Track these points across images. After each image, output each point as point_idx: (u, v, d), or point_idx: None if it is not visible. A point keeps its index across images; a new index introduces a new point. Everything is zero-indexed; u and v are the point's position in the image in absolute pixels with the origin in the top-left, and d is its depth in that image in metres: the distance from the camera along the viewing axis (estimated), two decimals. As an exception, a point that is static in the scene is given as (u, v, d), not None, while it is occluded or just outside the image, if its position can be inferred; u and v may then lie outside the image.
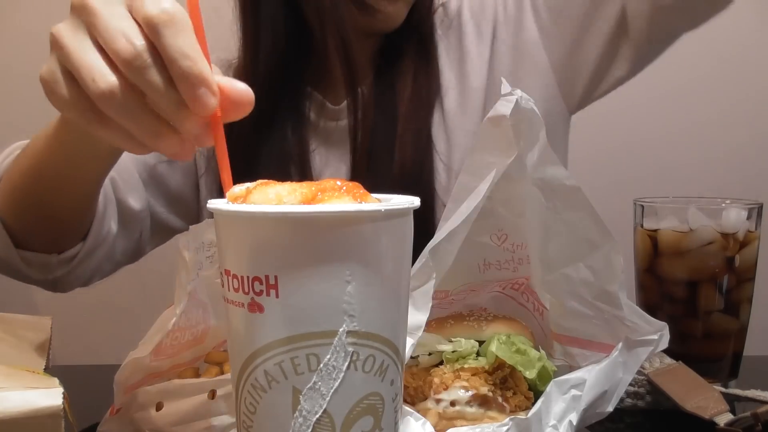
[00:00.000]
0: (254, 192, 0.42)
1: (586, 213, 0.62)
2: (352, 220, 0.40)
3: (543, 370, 0.62)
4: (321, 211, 0.40)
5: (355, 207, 0.41)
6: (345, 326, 0.40)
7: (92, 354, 1.19)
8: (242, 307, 0.41)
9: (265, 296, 0.40)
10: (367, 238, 0.41)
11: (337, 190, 0.42)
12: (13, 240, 0.82)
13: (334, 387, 0.41)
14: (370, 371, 0.42)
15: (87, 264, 0.87)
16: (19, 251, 0.82)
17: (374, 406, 0.42)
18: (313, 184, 0.42)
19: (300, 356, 0.40)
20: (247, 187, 0.43)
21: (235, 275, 0.41)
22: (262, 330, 0.41)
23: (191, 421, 0.57)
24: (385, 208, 0.41)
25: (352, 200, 0.42)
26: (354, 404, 0.41)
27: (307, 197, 0.41)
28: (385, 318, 0.42)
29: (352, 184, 0.43)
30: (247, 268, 0.41)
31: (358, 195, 0.42)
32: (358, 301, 0.40)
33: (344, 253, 0.40)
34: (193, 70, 0.46)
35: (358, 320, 0.41)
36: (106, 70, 0.48)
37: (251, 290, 0.41)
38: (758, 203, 0.80)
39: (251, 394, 0.42)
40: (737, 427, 0.64)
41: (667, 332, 0.64)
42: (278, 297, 0.40)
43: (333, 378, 0.41)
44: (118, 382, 0.59)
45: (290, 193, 0.41)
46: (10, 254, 0.82)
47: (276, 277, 0.40)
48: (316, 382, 0.40)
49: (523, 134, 0.59)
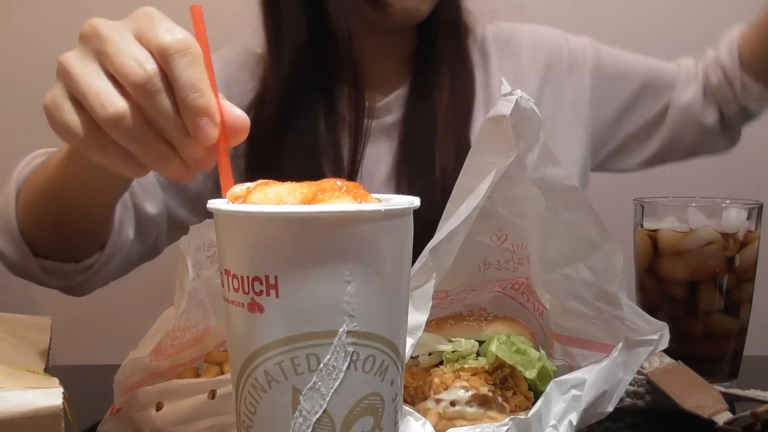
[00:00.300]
0: (254, 192, 0.42)
1: (586, 213, 0.62)
2: (352, 220, 0.40)
3: (543, 370, 0.62)
4: (321, 211, 0.40)
5: (355, 207, 0.41)
6: (345, 326, 0.40)
7: (92, 354, 1.19)
8: (242, 307, 0.41)
9: (265, 296, 0.40)
10: (367, 238, 0.41)
11: (337, 190, 0.42)
12: (31, 249, 0.83)
13: (334, 387, 0.41)
14: (370, 371, 0.42)
15: (104, 271, 0.88)
16: (37, 260, 0.83)
17: (374, 406, 0.42)
18: (313, 184, 0.42)
19: (300, 356, 0.40)
20: (248, 188, 0.44)
21: (235, 275, 0.41)
22: (262, 330, 0.41)
23: (191, 421, 0.57)
24: (385, 208, 0.41)
25: (352, 200, 0.42)
26: (354, 404, 0.41)
27: (307, 197, 0.41)
28: (385, 318, 0.42)
29: (352, 184, 0.43)
30: (247, 268, 0.41)
31: (358, 195, 0.42)
32: (358, 301, 0.40)
33: (344, 253, 0.40)
34: (199, 102, 0.47)
35: (358, 320, 0.41)
36: (115, 96, 0.49)
37: (251, 290, 0.41)
38: (758, 203, 0.80)
39: (251, 394, 0.42)
40: (736, 426, 0.64)
41: (667, 332, 0.64)
42: (278, 297, 0.40)
43: (333, 378, 0.41)
44: (117, 381, 0.59)
45: (290, 193, 0.41)
46: (29, 263, 0.83)
47: (276, 277, 0.40)
48: (316, 382, 0.40)
49: (523, 134, 0.59)
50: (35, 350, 0.59)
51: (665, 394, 0.70)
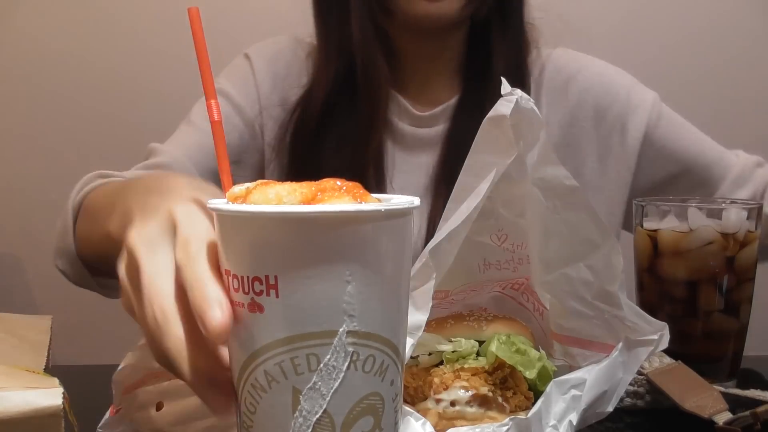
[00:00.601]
0: (254, 192, 0.42)
1: (586, 213, 0.62)
2: (352, 220, 0.40)
3: (543, 370, 0.62)
4: (321, 211, 0.40)
5: (355, 207, 0.41)
6: (345, 326, 0.40)
7: (92, 354, 1.19)
8: (242, 307, 0.41)
9: (265, 296, 0.40)
10: (367, 239, 0.40)
11: (337, 190, 0.42)
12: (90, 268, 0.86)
13: (334, 387, 0.41)
14: (370, 371, 0.42)
15: None
16: (96, 279, 0.87)
17: (374, 406, 0.42)
18: (313, 184, 0.42)
19: (300, 356, 0.40)
20: (247, 188, 0.44)
21: (235, 275, 0.41)
22: (262, 330, 0.41)
23: (191, 421, 0.57)
24: (385, 208, 0.41)
25: (352, 200, 0.42)
26: (354, 404, 0.41)
27: (307, 197, 0.41)
28: (385, 318, 0.42)
29: (352, 184, 0.43)
30: (247, 268, 0.41)
31: (358, 195, 0.42)
32: (358, 301, 0.40)
33: (344, 253, 0.40)
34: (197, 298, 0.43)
35: (358, 320, 0.41)
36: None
37: (251, 290, 0.41)
38: (758, 203, 0.80)
39: (251, 394, 0.42)
40: (736, 426, 0.64)
41: (667, 332, 0.64)
42: (278, 297, 0.40)
43: (333, 378, 0.41)
44: (116, 381, 0.59)
45: (290, 193, 0.41)
46: (88, 283, 0.88)
47: (276, 277, 0.40)
48: (316, 382, 0.40)
49: (523, 134, 0.59)
50: (35, 350, 0.59)
51: (665, 394, 0.70)
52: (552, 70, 1.05)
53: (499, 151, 0.59)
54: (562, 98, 1.04)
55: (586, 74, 1.05)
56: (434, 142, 1.01)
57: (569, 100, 1.04)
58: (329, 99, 0.97)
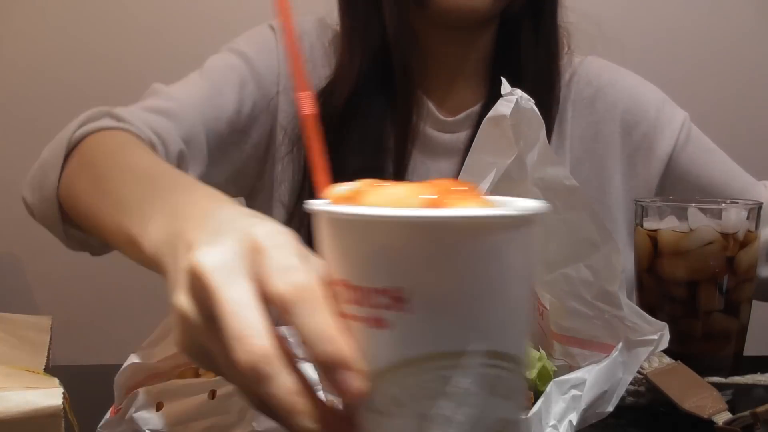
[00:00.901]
0: (369, 193, 0.38)
1: (586, 213, 0.62)
2: (490, 226, 0.36)
3: (543, 370, 0.62)
4: (463, 216, 0.35)
5: (495, 212, 0.36)
6: (477, 346, 0.36)
7: (92, 354, 1.19)
8: (359, 322, 0.37)
9: (391, 311, 0.36)
10: (502, 247, 0.36)
11: (460, 194, 0.38)
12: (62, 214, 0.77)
13: (464, 412, 0.36)
14: (503, 395, 0.37)
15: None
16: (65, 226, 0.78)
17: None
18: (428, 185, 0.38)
19: (427, 378, 0.36)
20: (355, 188, 0.39)
21: (355, 286, 0.37)
22: (384, 348, 0.36)
23: (191, 421, 0.57)
24: (526, 213, 0.37)
25: (480, 205, 0.37)
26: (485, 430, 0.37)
27: (431, 201, 0.37)
28: (514, 336, 0.38)
29: (471, 187, 0.39)
30: (371, 278, 0.36)
31: (481, 199, 0.38)
32: (491, 319, 0.37)
33: (478, 264, 0.36)
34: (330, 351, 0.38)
35: (491, 339, 0.37)
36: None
37: (374, 303, 0.36)
38: (758, 203, 0.80)
39: (368, 420, 0.38)
40: (736, 426, 0.64)
41: (667, 332, 0.64)
42: (406, 312, 0.36)
43: (464, 404, 0.36)
44: (118, 383, 0.59)
45: (410, 197, 0.37)
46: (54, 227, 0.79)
47: (405, 289, 0.35)
48: (443, 407, 0.36)
49: (523, 134, 0.59)
50: (35, 350, 0.59)
51: (665, 394, 0.70)
52: (581, 80, 1.02)
53: (499, 151, 0.59)
54: (589, 111, 1.01)
55: (617, 87, 1.01)
56: (456, 149, 0.98)
57: (596, 113, 1.01)
58: (353, 96, 0.93)
